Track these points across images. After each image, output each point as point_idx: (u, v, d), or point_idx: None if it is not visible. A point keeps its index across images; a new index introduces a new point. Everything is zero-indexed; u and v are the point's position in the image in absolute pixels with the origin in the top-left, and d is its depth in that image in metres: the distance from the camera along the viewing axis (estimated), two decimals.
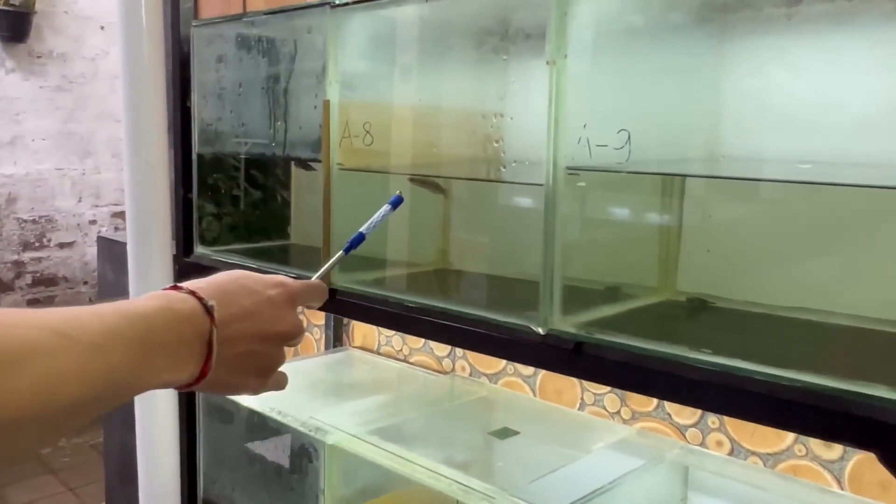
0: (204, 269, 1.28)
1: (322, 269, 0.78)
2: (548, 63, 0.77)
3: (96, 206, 3.97)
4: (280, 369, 0.69)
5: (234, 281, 0.65)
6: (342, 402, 1.25)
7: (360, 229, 0.81)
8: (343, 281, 1.06)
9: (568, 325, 0.81)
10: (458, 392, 1.30)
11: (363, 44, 1.03)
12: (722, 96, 0.77)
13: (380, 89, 1.03)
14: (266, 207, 1.31)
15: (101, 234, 2.50)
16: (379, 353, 1.52)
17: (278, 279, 0.69)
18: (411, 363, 1.45)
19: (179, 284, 0.62)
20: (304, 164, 1.19)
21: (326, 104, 1.00)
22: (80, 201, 3.90)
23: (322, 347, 1.61)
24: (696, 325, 0.88)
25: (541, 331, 0.81)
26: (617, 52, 0.80)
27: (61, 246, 3.87)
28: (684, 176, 0.84)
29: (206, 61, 1.24)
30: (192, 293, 0.61)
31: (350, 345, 1.59)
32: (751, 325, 0.86)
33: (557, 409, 1.23)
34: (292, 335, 0.67)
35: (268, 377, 0.67)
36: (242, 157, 1.27)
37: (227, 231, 1.31)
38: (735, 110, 0.77)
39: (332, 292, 1.06)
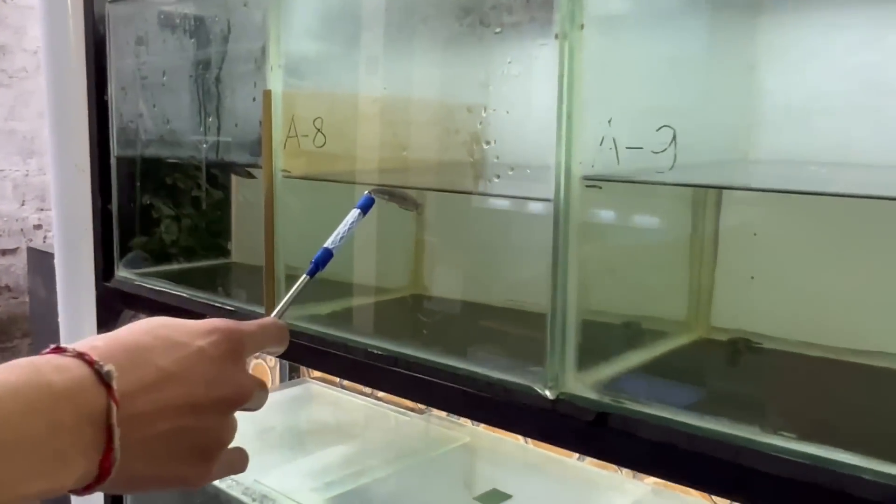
0: (127, 298, 1.06)
1: (281, 304, 0.60)
2: (557, 37, 0.57)
3: (42, 209, 3.70)
4: (234, 444, 0.50)
5: (148, 332, 0.46)
6: (297, 457, 1.04)
7: (325, 244, 0.61)
8: (291, 316, 0.85)
9: (585, 385, 0.61)
10: (435, 438, 1.09)
11: (312, 19, 0.82)
12: (806, 78, 0.57)
13: (334, 76, 0.82)
14: (201, 222, 1.09)
15: (31, 245, 2.25)
16: (342, 387, 1.31)
17: (212, 324, 0.49)
18: (379, 399, 1.25)
19: (65, 346, 0.43)
20: (242, 170, 0.97)
21: (267, 95, 0.79)
22: (23, 204, 3.64)
23: (276, 379, 1.39)
24: (748, 378, 0.68)
25: (549, 394, 0.61)
26: (653, 19, 0.60)
27: (3, 253, 3.60)
28: (749, 190, 0.64)
29: (124, 45, 1.02)
30: (81, 355, 0.42)
31: (309, 375, 1.38)
32: (817, 378, 0.67)
33: (554, 459, 1.03)
34: (238, 399, 0.49)
35: (211, 461, 0.48)
36: (171, 161, 1.05)
37: (156, 250, 1.09)
38: (826, 100, 0.57)
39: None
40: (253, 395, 0.50)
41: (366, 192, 0.67)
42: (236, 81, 0.88)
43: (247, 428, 1.14)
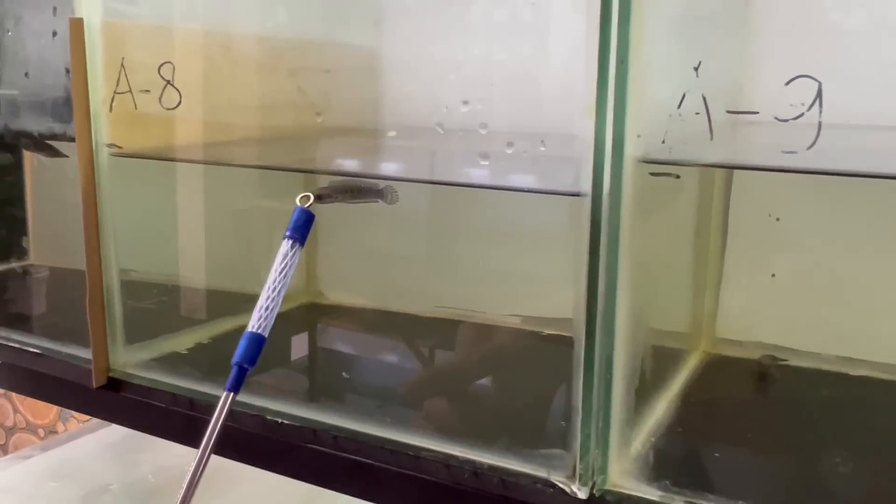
0: None
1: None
2: None
3: None
4: None
5: None
6: None
7: (249, 326, 0.36)
8: (133, 356, 0.58)
9: (636, 474, 0.40)
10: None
11: None
12: None
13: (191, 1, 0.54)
14: None
15: None
16: None
17: None
18: None
19: None
20: (38, 143, 0.66)
21: (76, 25, 0.50)
22: None
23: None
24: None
25: (580, 493, 0.40)
26: None
27: None
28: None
29: None
30: None
31: None
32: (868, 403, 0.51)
33: None
34: None
35: None
36: None
37: None
38: None
39: (114, 384, 0.58)
40: None
41: (298, 199, 0.41)
42: (21, 5, 0.57)
43: (68, 492, 0.84)
